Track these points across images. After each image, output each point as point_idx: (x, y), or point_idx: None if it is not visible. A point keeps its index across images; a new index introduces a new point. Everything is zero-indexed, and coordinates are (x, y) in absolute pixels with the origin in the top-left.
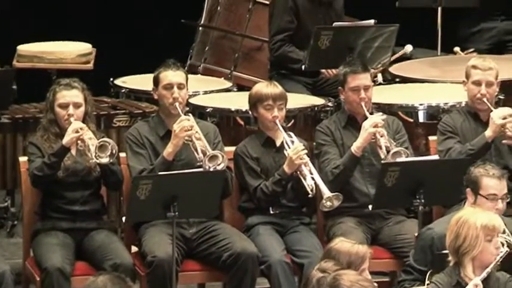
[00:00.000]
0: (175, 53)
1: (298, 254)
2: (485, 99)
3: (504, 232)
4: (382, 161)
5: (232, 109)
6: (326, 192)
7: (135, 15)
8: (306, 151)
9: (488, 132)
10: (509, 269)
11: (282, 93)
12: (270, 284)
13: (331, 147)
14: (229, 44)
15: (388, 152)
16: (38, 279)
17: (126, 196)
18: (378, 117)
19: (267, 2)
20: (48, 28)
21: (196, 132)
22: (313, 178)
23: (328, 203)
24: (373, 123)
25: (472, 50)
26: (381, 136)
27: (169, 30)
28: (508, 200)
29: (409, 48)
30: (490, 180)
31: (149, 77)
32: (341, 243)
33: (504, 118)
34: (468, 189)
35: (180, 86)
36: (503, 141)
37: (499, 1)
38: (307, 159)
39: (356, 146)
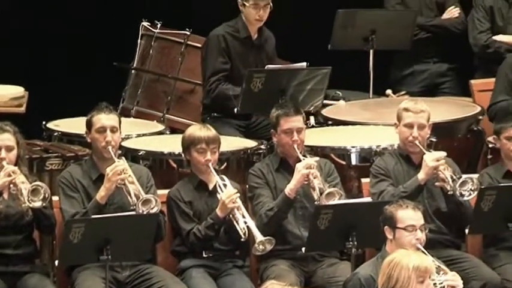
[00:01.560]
0: (108, 96)
1: None
2: (417, 142)
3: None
4: (315, 204)
5: (165, 152)
6: (258, 236)
7: (68, 58)
8: (238, 195)
9: (421, 175)
10: None
11: (215, 137)
12: None
13: (264, 189)
14: (162, 87)
15: (321, 193)
16: None
17: (59, 240)
18: (311, 159)
19: (199, 45)
20: None
21: (129, 175)
22: (245, 222)
23: (261, 247)
24: (306, 165)
25: (404, 92)
26: (314, 177)
27: (101, 73)
28: (427, 231)
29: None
30: (405, 212)
31: (82, 120)
32: (271, 286)
33: (437, 161)
34: (386, 227)
35: (113, 130)
36: (436, 184)
37: (431, 44)
38: (239, 203)
39: (289, 188)
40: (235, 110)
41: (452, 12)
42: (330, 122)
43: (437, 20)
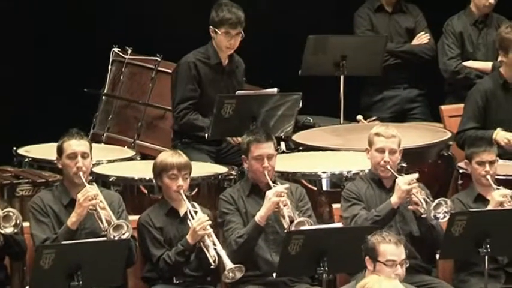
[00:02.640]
0: (79, 121)
1: None
2: (388, 166)
3: None
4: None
5: (136, 178)
6: (228, 263)
7: (38, 84)
8: (210, 222)
9: (394, 199)
10: None
11: (187, 163)
12: None
13: (235, 216)
14: (133, 113)
15: (291, 222)
16: None
17: (30, 265)
18: (281, 187)
19: (170, 71)
20: None
21: (101, 201)
22: (216, 249)
23: (231, 275)
24: (276, 193)
25: (374, 118)
26: (284, 206)
27: (72, 99)
28: (407, 265)
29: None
30: (388, 246)
31: (52, 146)
32: None
33: (409, 184)
34: (367, 258)
35: (84, 155)
36: (409, 207)
37: (401, 70)
38: (210, 230)
39: (260, 216)
40: (206, 136)
41: (422, 38)
42: (300, 148)
43: (407, 46)
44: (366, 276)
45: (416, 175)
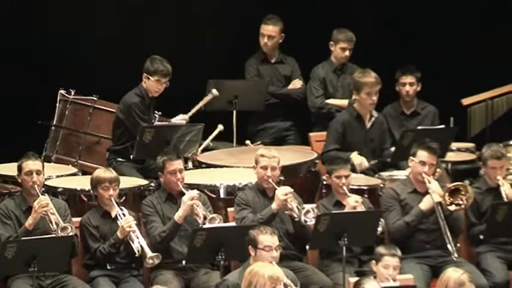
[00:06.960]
0: (34, 146)
1: None
2: (270, 180)
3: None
4: (193, 227)
5: (78, 189)
6: (149, 252)
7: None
8: (135, 222)
9: (274, 206)
10: None
11: (116, 177)
12: None
13: (155, 216)
14: (75, 140)
15: (205, 218)
16: None
17: None
18: (194, 192)
19: (104, 108)
20: None
21: (51, 208)
22: (139, 242)
23: (151, 261)
24: (190, 197)
25: (259, 142)
26: (197, 206)
27: (29, 128)
28: (280, 250)
29: (215, 92)
30: (264, 236)
31: (14, 165)
32: None
33: (286, 195)
34: (250, 247)
35: (38, 172)
36: (286, 212)
37: (279, 106)
38: (135, 228)
39: (178, 215)
40: (131, 156)
41: (296, 83)
42: (203, 166)
43: (284, 89)
44: (250, 261)
45: (291, 189)
